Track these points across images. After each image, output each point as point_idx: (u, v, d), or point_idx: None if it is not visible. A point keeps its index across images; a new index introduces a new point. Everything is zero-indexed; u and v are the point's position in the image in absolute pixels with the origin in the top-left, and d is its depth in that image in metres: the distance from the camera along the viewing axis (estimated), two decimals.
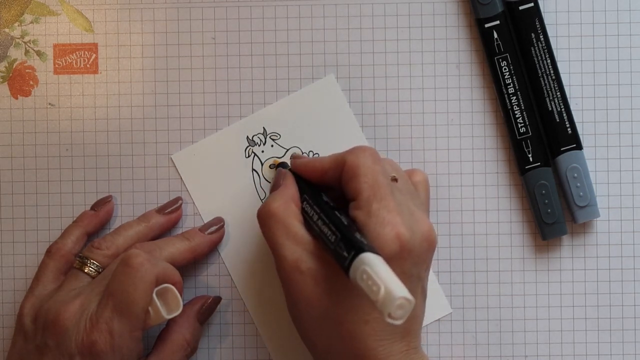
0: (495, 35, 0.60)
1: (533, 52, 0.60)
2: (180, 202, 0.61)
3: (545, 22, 0.60)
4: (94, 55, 0.62)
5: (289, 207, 0.54)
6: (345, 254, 0.48)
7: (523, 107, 0.60)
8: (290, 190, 0.55)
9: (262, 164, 0.62)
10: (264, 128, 0.62)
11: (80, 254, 0.58)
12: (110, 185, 0.62)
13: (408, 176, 0.56)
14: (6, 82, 0.62)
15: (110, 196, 0.61)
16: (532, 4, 0.60)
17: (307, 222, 0.53)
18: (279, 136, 0.62)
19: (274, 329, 0.61)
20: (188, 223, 0.62)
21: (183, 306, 0.56)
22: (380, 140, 0.61)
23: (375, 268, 0.46)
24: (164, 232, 0.61)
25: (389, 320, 0.45)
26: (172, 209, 0.61)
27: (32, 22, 0.62)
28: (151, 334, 0.60)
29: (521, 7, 0.60)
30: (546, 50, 0.60)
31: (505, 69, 0.60)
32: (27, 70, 0.62)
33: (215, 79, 0.62)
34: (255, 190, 0.61)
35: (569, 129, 0.60)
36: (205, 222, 0.61)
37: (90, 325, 0.53)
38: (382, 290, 0.45)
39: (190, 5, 0.62)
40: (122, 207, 0.62)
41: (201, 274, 0.62)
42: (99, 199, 0.61)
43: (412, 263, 0.51)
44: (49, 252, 0.59)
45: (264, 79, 0.62)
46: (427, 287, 0.54)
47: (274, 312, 0.61)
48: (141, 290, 0.53)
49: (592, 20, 0.61)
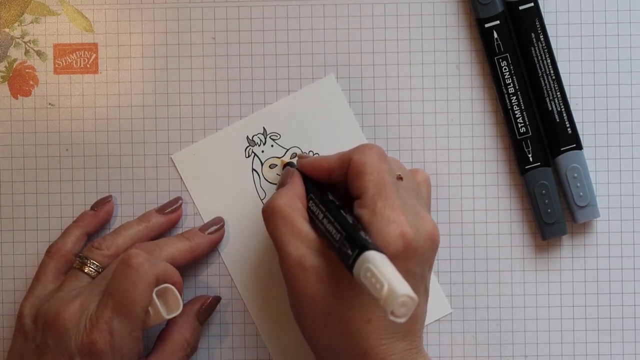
0: (495, 35, 0.60)
1: (533, 52, 0.60)
2: (180, 202, 0.61)
3: (545, 22, 0.60)
4: (94, 55, 0.62)
5: (294, 204, 0.53)
6: (349, 251, 0.48)
7: (523, 107, 0.60)
8: (296, 187, 0.55)
9: (262, 164, 0.62)
10: (264, 128, 0.62)
11: (80, 254, 0.58)
12: (110, 185, 0.62)
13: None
14: (6, 82, 0.62)
15: (110, 196, 0.61)
16: (532, 4, 0.60)
17: (313, 220, 0.53)
18: (279, 136, 0.62)
19: (274, 329, 0.61)
20: (188, 223, 0.62)
21: (183, 306, 0.56)
22: (380, 140, 0.61)
23: (379, 266, 0.46)
24: (164, 232, 0.61)
25: (391, 318, 0.45)
26: (172, 209, 0.61)
27: (32, 22, 0.62)
28: (151, 334, 0.60)
29: (521, 7, 0.60)
30: (546, 50, 0.60)
31: (505, 69, 0.60)
32: (27, 70, 0.62)
33: (215, 79, 0.62)
34: (255, 190, 0.61)
35: (569, 129, 0.60)
36: (205, 222, 0.61)
37: (90, 325, 0.53)
38: (385, 288, 0.45)
39: (190, 5, 0.62)
40: (122, 207, 0.62)
41: (201, 274, 0.62)
42: (99, 199, 0.61)
43: (416, 262, 0.51)
44: (49, 252, 0.59)
45: (264, 79, 0.62)
46: (429, 286, 0.54)
47: (274, 312, 0.61)
48: (141, 290, 0.53)
49: (592, 20, 0.61)
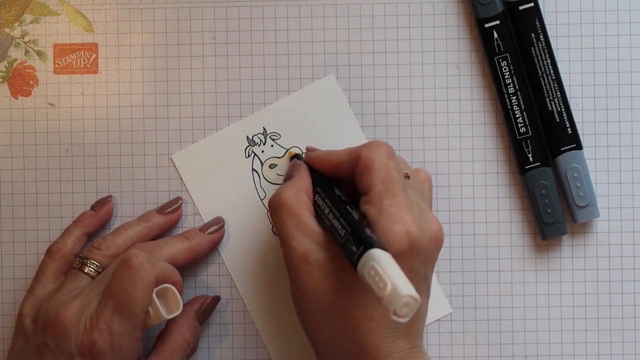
0: (495, 35, 0.60)
1: (533, 52, 0.60)
2: (180, 202, 0.61)
3: (545, 22, 0.60)
4: (94, 55, 0.62)
5: (301, 198, 0.53)
6: (354, 248, 0.48)
7: (523, 107, 0.60)
8: (303, 181, 0.55)
9: (262, 164, 0.62)
10: (264, 128, 0.62)
11: (80, 254, 0.58)
12: (110, 185, 0.62)
13: None
14: (6, 82, 0.62)
15: (110, 196, 0.61)
16: (532, 4, 0.60)
17: (318, 214, 0.53)
18: (279, 136, 0.62)
19: (274, 329, 0.61)
20: (188, 223, 0.62)
21: (182, 306, 0.56)
22: (380, 140, 0.61)
23: (383, 264, 0.46)
24: (164, 232, 0.61)
25: (394, 317, 0.45)
26: (172, 209, 0.61)
27: (32, 22, 0.62)
28: (151, 334, 0.60)
29: (521, 7, 0.60)
30: (546, 50, 0.60)
31: (505, 69, 0.60)
32: (27, 70, 0.62)
33: (215, 79, 0.62)
34: (255, 190, 0.61)
35: (569, 129, 0.60)
36: (205, 222, 0.61)
37: (90, 325, 0.53)
38: (388, 287, 0.45)
39: (190, 5, 0.62)
40: (122, 207, 0.62)
41: (201, 274, 0.62)
42: (99, 199, 0.61)
43: (420, 261, 0.51)
44: (49, 252, 0.59)
45: (264, 79, 0.62)
46: (431, 286, 0.54)
47: (274, 312, 0.61)
48: (141, 290, 0.53)
49: (592, 20, 0.61)
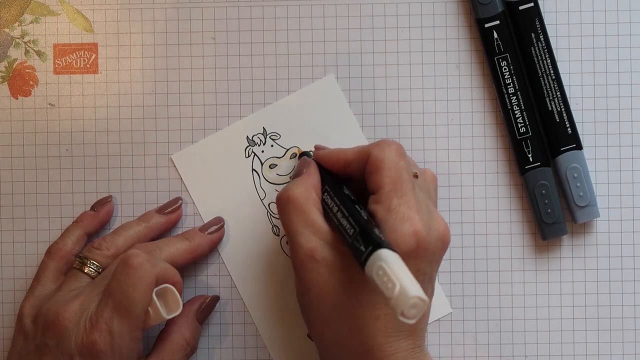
0: (495, 35, 0.60)
1: (533, 52, 0.60)
2: (180, 202, 0.61)
3: (545, 22, 0.60)
4: (94, 55, 0.62)
5: (309, 195, 0.53)
6: (362, 248, 0.47)
7: (523, 107, 0.60)
8: (312, 178, 0.55)
9: (262, 164, 0.62)
10: (264, 128, 0.62)
11: (80, 254, 0.58)
12: (110, 185, 0.62)
13: None
14: (6, 82, 0.62)
15: (110, 196, 0.61)
16: (532, 4, 0.60)
17: (327, 213, 0.53)
18: (279, 136, 0.62)
19: (274, 329, 0.61)
20: (188, 223, 0.62)
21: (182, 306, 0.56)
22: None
23: (392, 265, 0.46)
24: (164, 232, 0.61)
25: (401, 318, 0.45)
26: (172, 209, 0.61)
27: (32, 22, 0.62)
28: (151, 334, 0.60)
29: (521, 7, 0.60)
30: (546, 50, 0.60)
31: (505, 69, 0.60)
32: (27, 70, 0.62)
33: (215, 79, 0.62)
34: (255, 190, 0.61)
35: (569, 129, 0.60)
36: (205, 222, 0.61)
37: (90, 326, 0.53)
38: (397, 288, 0.45)
39: (190, 5, 0.62)
40: (122, 207, 0.62)
41: (201, 274, 0.62)
42: (99, 199, 0.61)
43: (426, 261, 0.51)
44: (49, 253, 0.59)
45: (264, 79, 0.62)
46: (435, 287, 0.54)
47: (274, 312, 0.61)
48: (141, 290, 0.53)
49: (592, 20, 0.61)
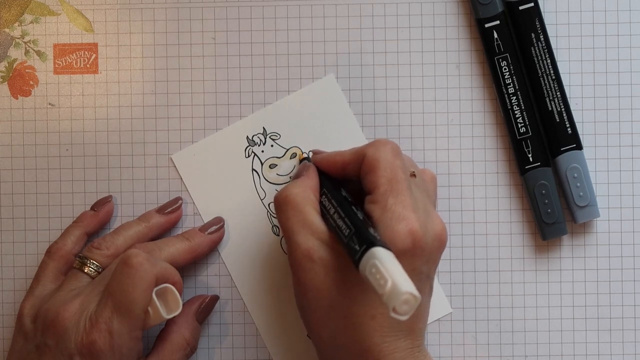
0: (495, 35, 0.60)
1: (533, 52, 0.60)
2: (180, 202, 0.61)
3: (545, 22, 0.60)
4: (94, 55, 0.62)
5: (307, 196, 0.53)
6: (357, 247, 0.48)
7: (523, 107, 0.60)
8: (311, 180, 0.55)
9: (262, 164, 0.62)
10: (264, 128, 0.62)
11: (80, 254, 0.58)
12: (110, 185, 0.62)
13: None
14: (6, 82, 0.62)
15: (110, 196, 0.61)
16: (532, 4, 0.60)
17: (324, 215, 0.53)
18: (279, 136, 0.62)
19: (274, 329, 0.61)
20: (188, 223, 0.62)
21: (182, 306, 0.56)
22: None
23: (385, 262, 0.46)
24: (164, 232, 0.61)
25: (393, 314, 0.45)
26: (172, 209, 0.61)
27: (32, 22, 0.62)
28: (151, 334, 0.60)
29: (521, 7, 0.60)
30: (546, 50, 0.60)
31: (505, 69, 0.60)
32: (27, 70, 0.62)
33: (215, 79, 0.62)
34: (255, 190, 0.61)
35: (569, 129, 0.60)
36: (205, 222, 0.61)
37: (90, 325, 0.53)
38: (388, 284, 0.45)
39: (190, 5, 0.62)
40: (122, 207, 0.62)
41: (201, 274, 0.62)
42: (99, 199, 0.61)
43: (423, 261, 0.51)
44: (49, 252, 0.59)
45: (264, 79, 0.62)
46: (433, 287, 0.54)
47: (274, 312, 0.61)
48: (141, 290, 0.53)
49: (592, 20, 0.61)
